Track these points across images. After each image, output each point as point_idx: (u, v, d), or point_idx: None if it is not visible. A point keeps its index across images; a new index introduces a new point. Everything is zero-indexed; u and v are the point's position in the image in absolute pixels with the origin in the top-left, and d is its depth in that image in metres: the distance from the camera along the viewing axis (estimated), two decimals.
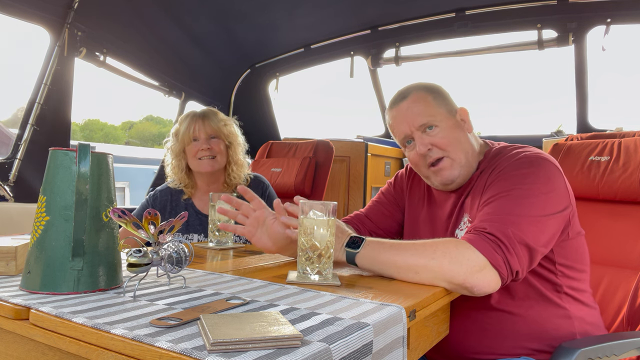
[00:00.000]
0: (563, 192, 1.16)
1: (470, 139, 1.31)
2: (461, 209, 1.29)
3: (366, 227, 1.50)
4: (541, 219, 1.09)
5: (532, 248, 1.06)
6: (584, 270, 1.26)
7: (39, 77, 2.29)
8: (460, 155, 1.27)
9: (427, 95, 1.30)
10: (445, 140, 1.26)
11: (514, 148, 1.27)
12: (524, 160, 1.19)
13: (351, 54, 3.19)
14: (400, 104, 1.32)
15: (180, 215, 0.95)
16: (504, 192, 1.13)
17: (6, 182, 2.22)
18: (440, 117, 1.28)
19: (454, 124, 1.29)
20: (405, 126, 1.30)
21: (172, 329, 0.66)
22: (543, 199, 1.11)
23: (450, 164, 1.27)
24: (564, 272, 1.21)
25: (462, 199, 1.30)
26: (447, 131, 1.27)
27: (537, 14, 2.58)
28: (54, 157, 0.91)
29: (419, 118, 1.27)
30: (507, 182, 1.15)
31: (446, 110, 1.30)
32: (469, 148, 1.29)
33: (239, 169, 1.98)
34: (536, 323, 1.19)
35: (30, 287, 0.87)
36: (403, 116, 1.30)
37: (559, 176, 1.17)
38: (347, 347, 0.66)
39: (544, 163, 1.17)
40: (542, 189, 1.12)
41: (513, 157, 1.21)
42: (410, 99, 1.30)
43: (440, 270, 1.01)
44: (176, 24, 2.75)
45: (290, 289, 0.94)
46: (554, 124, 2.93)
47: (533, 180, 1.13)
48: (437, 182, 1.31)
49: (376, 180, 3.19)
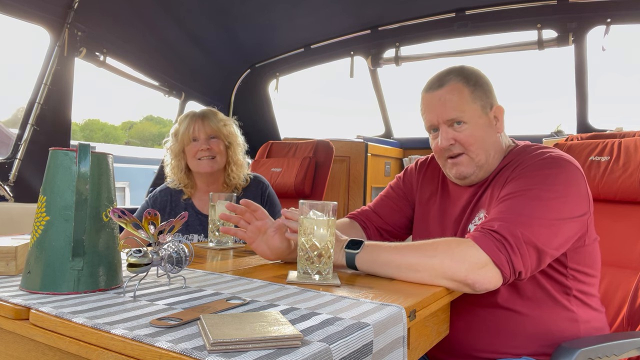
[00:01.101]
0: (583, 197, 1.14)
1: (499, 138, 1.28)
2: (477, 204, 1.28)
3: (373, 224, 1.49)
4: (555, 222, 1.08)
5: (542, 250, 1.05)
6: (595, 276, 1.25)
7: (39, 77, 2.29)
8: (481, 155, 1.25)
9: (465, 88, 1.24)
10: (470, 138, 1.23)
11: (539, 147, 1.24)
12: (548, 160, 1.16)
13: (351, 54, 3.19)
14: (435, 91, 1.27)
15: (180, 215, 0.95)
16: (521, 190, 1.12)
17: (6, 182, 2.22)
18: (471, 114, 1.23)
19: (484, 122, 1.25)
20: (434, 116, 1.26)
21: (172, 329, 0.66)
22: (561, 202, 1.09)
23: (468, 161, 1.25)
24: (575, 276, 1.20)
25: (480, 194, 1.28)
26: (474, 129, 1.24)
27: (537, 14, 2.58)
28: (54, 157, 0.91)
29: (449, 112, 1.23)
30: (526, 181, 1.14)
31: (480, 106, 1.25)
32: (492, 149, 1.26)
33: (238, 169, 1.98)
34: (542, 324, 1.18)
35: (30, 287, 0.87)
36: (434, 105, 1.26)
37: (580, 180, 1.15)
38: (347, 347, 0.66)
39: (567, 165, 1.15)
40: (561, 192, 1.11)
41: (537, 156, 1.19)
42: (446, 89, 1.25)
43: (442, 268, 1.01)
44: (176, 24, 2.75)
45: (290, 289, 0.94)
46: (553, 123, 2.92)
47: (553, 182, 1.11)
48: (452, 174, 1.30)
49: (376, 180, 3.19)
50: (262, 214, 1.22)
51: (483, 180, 1.29)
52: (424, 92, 1.31)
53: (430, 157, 1.52)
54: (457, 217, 1.32)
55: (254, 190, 2.02)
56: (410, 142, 3.50)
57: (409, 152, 3.47)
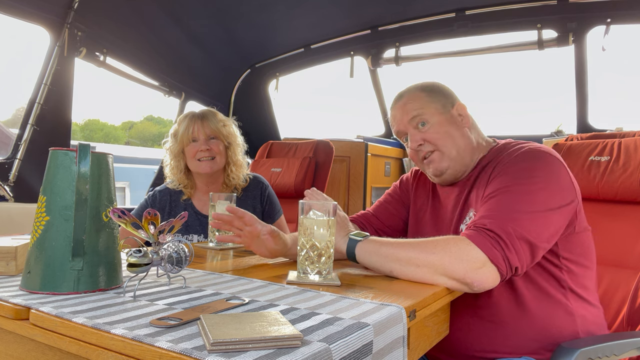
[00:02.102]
0: (567, 185, 1.16)
1: (466, 133, 1.33)
2: (465, 204, 1.30)
3: (372, 226, 1.53)
4: (543, 213, 1.09)
5: (533, 244, 1.07)
6: (589, 267, 1.26)
7: (39, 77, 2.29)
8: (451, 148, 1.30)
9: (421, 93, 1.35)
10: (436, 135, 1.30)
11: (518, 143, 1.28)
12: (526, 154, 1.19)
13: (351, 54, 3.18)
14: (397, 103, 1.39)
15: (180, 215, 0.95)
16: (505, 187, 1.14)
17: (6, 182, 2.22)
18: (431, 112, 1.32)
19: (446, 119, 1.32)
20: (400, 124, 1.36)
21: (172, 329, 0.66)
22: (545, 194, 1.11)
23: (439, 156, 1.31)
24: (569, 266, 1.21)
25: (466, 193, 1.31)
26: (438, 126, 1.31)
27: (537, 14, 2.58)
28: (54, 157, 0.91)
29: (410, 113, 1.33)
30: (508, 177, 1.16)
31: (440, 105, 1.33)
32: (462, 142, 1.31)
33: (238, 169, 1.98)
34: (540, 322, 1.19)
35: (30, 287, 0.87)
36: (398, 113, 1.37)
37: (562, 170, 1.17)
38: (347, 347, 0.66)
39: (546, 157, 1.18)
40: (544, 183, 1.12)
41: (515, 151, 1.22)
42: (405, 98, 1.36)
43: (441, 265, 1.02)
44: (176, 24, 2.75)
45: (290, 289, 0.94)
46: (553, 123, 2.92)
47: (534, 174, 1.14)
48: (430, 173, 1.36)
49: (376, 180, 3.19)
50: (250, 219, 1.23)
51: (466, 179, 1.33)
52: (390, 110, 1.43)
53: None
54: (448, 219, 1.35)
55: (254, 190, 2.02)
56: None
57: None
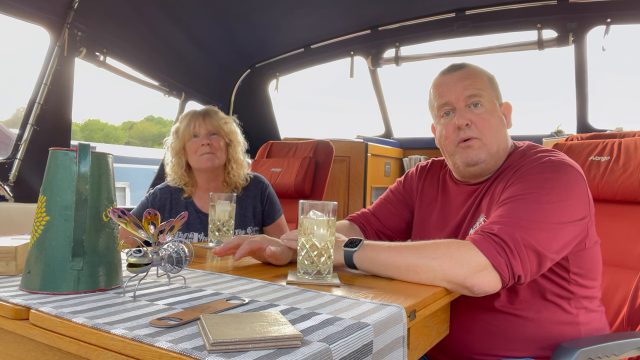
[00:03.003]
0: (583, 200, 1.14)
1: (507, 134, 1.30)
2: (477, 209, 1.27)
3: (372, 226, 1.49)
4: (556, 226, 1.07)
5: (542, 253, 1.04)
6: (597, 279, 1.25)
7: (39, 77, 2.29)
8: (493, 143, 1.25)
9: (483, 76, 1.29)
10: (485, 122, 1.24)
11: (540, 151, 1.24)
12: (548, 164, 1.16)
13: (351, 54, 3.19)
14: (454, 72, 1.29)
15: (180, 215, 0.95)
16: (521, 194, 1.11)
17: (6, 182, 2.22)
18: (488, 98, 1.26)
19: (497, 113, 1.28)
20: (453, 95, 1.26)
21: (172, 329, 0.66)
22: (561, 206, 1.09)
23: (480, 146, 1.25)
24: (577, 280, 1.19)
25: (480, 195, 1.28)
26: (490, 114, 1.25)
27: (537, 14, 2.58)
28: (54, 157, 0.91)
29: (469, 89, 1.25)
30: (526, 185, 1.13)
31: (496, 96, 1.29)
32: (503, 141, 1.28)
33: (238, 167, 1.98)
34: (543, 327, 1.18)
35: (30, 287, 0.87)
36: (453, 84, 1.27)
37: (581, 184, 1.14)
38: (347, 347, 0.66)
39: (568, 169, 1.15)
40: (562, 195, 1.10)
41: (537, 160, 1.19)
42: (467, 70, 1.28)
43: (441, 270, 1.01)
44: (176, 24, 2.75)
45: (290, 289, 0.94)
46: (553, 123, 2.92)
47: (553, 185, 1.11)
48: (462, 160, 1.27)
49: (376, 180, 3.19)
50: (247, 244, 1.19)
51: (483, 183, 1.29)
52: (439, 77, 1.32)
53: (431, 161, 1.52)
54: (458, 221, 1.32)
55: (254, 190, 2.02)
56: (410, 142, 3.50)
57: (409, 152, 3.47)
